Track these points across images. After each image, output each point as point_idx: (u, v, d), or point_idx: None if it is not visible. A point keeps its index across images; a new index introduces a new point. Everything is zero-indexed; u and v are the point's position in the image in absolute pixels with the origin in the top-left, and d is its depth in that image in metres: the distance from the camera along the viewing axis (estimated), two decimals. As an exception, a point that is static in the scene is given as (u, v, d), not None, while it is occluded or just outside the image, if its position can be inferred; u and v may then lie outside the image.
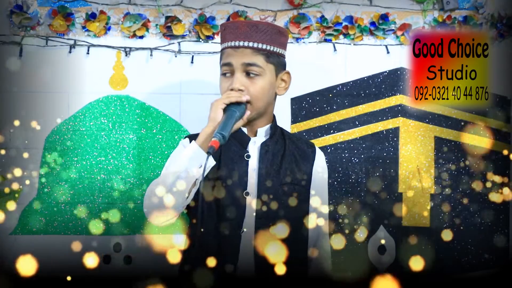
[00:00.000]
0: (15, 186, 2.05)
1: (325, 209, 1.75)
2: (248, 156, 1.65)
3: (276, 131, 1.71)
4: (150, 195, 1.54)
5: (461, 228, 2.15)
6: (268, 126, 1.70)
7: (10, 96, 2.06)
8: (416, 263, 1.61)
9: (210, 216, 1.58)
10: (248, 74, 1.62)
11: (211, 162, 1.53)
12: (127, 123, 2.12)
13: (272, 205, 1.61)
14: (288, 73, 1.72)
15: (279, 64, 1.69)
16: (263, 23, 1.67)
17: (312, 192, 1.70)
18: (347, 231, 2.13)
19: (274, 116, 1.73)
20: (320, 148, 2.13)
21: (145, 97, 2.12)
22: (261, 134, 1.69)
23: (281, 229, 1.59)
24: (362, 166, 2.16)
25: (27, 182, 2.06)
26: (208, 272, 1.51)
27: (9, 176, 2.04)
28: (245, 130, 1.67)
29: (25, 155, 2.05)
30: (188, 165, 1.51)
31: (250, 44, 1.62)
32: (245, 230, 1.61)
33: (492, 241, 2.15)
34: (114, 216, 2.09)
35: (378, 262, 2.14)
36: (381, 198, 2.14)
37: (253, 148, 1.67)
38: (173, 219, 1.57)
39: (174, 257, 1.47)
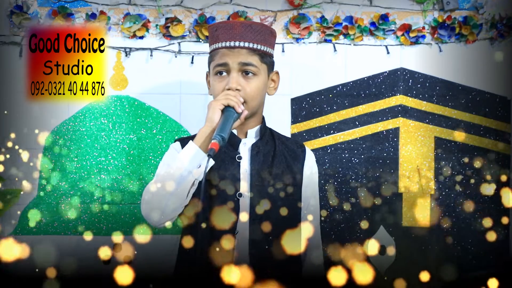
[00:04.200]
0: (15, 186, 2.05)
1: (317, 208, 1.75)
2: (240, 158, 1.65)
3: (266, 132, 1.72)
4: (148, 197, 1.54)
5: (461, 228, 2.15)
6: (258, 127, 1.70)
7: (10, 96, 2.06)
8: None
9: (204, 218, 1.58)
10: (244, 73, 1.62)
11: (211, 162, 1.54)
12: (127, 123, 2.12)
13: (265, 206, 1.61)
14: (277, 73, 1.73)
15: (271, 64, 1.70)
16: (256, 24, 1.68)
17: (303, 191, 1.70)
18: (346, 231, 2.13)
19: (263, 117, 1.73)
20: (320, 148, 2.14)
21: (145, 97, 2.12)
22: (251, 135, 1.69)
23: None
24: (362, 166, 2.16)
25: (27, 182, 2.06)
26: (203, 273, 1.51)
27: (9, 176, 2.04)
28: (235, 131, 1.68)
29: (25, 155, 2.05)
30: (188, 166, 1.51)
31: (246, 44, 1.62)
32: (238, 231, 1.61)
33: (492, 241, 2.15)
34: (114, 216, 2.09)
35: (378, 262, 2.14)
36: (381, 198, 2.14)
37: (244, 149, 1.67)
38: (172, 220, 1.57)
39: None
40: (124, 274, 1.49)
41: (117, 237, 2.08)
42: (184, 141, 1.62)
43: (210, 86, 1.71)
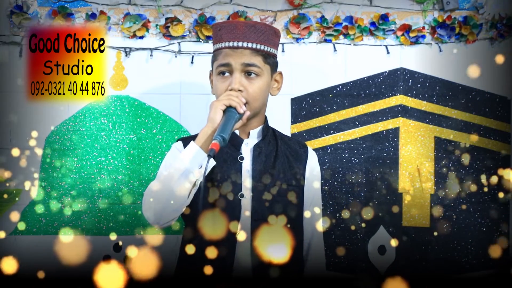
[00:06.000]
0: (15, 186, 2.05)
1: (319, 209, 1.75)
2: (242, 158, 1.65)
3: (268, 132, 1.72)
4: (149, 198, 1.54)
5: (461, 228, 2.15)
6: (260, 127, 1.70)
7: (10, 96, 2.06)
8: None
9: (205, 218, 1.58)
10: (247, 74, 1.62)
11: (212, 162, 1.54)
12: (127, 123, 2.12)
13: (267, 206, 1.61)
14: (280, 73, 1.73)
15: (274, 64, 1.69)
16: (259, 24, 1.67)
17: (305, 191, 1.70)
18: (347, 231, 2.14)
19: (265, 117, 1.73)
20: (320, 148, 2.14)
21: (145, 97, 2.12)
22: (254, 135, 1.69)
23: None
24: (362, 166, 2.16)
25: (27, 182, 2.06)
26: (204, 273, 1.51)
27: (9, 176, 2.04)
28: (237, 131, 1.68)
29: (25, 155, 2.05)
30: (189, 166, 1.50)
31: (249, 44, 1.62)
32: (240, 232, 1.61)
33: (492, 241, 2.15)
34: (114, 216, 2.09)
35: (378, 262, 2.14)
36: (381, 198, 2.14)
37: (246, 149, 1.67)
38: (173, 221, 1.57)
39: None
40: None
41: (118, 237, 2.08)
42: (186, 141, 1.62)
43: (213, 85, 1.70)
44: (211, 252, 1.54)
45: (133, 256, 1.50)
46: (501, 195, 2.11)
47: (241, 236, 1.60)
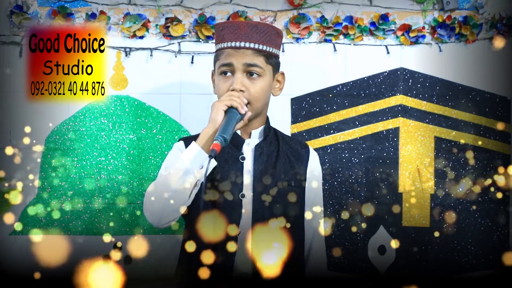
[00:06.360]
0: (15, 186, 2.05)
1: (320, 210, 1.75)
2: (243, 158, 1.65)
3: (269, 133, 1.71)
4: (150, 198, 1.54)
5: (461, 228, 2.15)
6: (262, 127, 1.70)
7: (10, 96, 2.06)
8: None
9: (206, 218, 1.58)
10: (249, 74, 1.62)
11: (213, 163, 1.54)
12: (127, 123, 2.12)
13: (268, 207, 1.61)
14: (282, 73, 1.73)
15: (276, 65, 1.69)
16: (262, 24, 1.67)
17: (306, 191, 1.70)
18: (346, 231, 2.14)
19: (267, 118, 1.73)
20: (320, 148, 2.15)
21: (145, 97, 2.12)
22: (255, 135, 1.69)
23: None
24: (362, 166, 2.16)
25: (27, 182, 2.06)
26: (205, 273, 1.51)
27: (9, 176, 2.04)
28: (239, 132, 1.67)
29: (25, 155, 2.05)
30: (190, 166, 1.50)
31: (252, 45, 1.62)
32: (241, 232, 1.61)
33: (492, 241, 2.16)
34: (114, 216, 2.09)
35: (378, 262, 2.14)
36: (381, 198, 2.14)
37: (247, 150, 1.67)
38: (174, 221, 1.57)
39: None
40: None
41: (117, 237, 2.08)
42: (188, 141, 1.62)
43: (215, 85, 1.70)
44: (211, 253, 1.54)
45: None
46: (500, 195, 2.11)
47: (242, 235, 1.60)
